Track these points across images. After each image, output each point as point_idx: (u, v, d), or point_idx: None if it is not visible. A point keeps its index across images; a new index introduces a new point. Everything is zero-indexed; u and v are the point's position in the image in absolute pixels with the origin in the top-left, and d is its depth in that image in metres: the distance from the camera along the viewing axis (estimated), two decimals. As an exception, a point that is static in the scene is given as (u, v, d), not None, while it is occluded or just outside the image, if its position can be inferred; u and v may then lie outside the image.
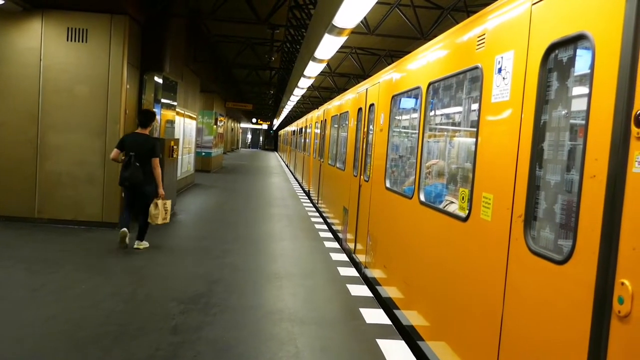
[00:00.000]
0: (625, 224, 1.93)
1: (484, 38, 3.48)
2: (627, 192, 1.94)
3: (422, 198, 4.45)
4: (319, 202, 12.95)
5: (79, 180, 8.55)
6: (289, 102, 29.04)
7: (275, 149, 78.18)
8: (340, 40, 9.87)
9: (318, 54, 11.95)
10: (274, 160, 44.42)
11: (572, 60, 2.47)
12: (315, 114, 17.63)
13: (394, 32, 14.62)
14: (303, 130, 21.77)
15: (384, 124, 6.77)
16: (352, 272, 6.45)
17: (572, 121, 2.46)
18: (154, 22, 9.22)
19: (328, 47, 10.92)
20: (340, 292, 5.84)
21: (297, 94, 22.99)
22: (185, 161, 16.69)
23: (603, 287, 1.98)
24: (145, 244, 6.89)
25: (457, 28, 4.05)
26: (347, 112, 9.75)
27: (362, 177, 7.64)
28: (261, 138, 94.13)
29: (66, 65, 8.44)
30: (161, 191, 6.58)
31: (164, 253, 6.60)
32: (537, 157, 2.61)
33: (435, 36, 4.91)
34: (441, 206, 3.91)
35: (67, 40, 8.42)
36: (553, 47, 2.58)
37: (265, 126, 76.79)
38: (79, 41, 8.54)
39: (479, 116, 3.42)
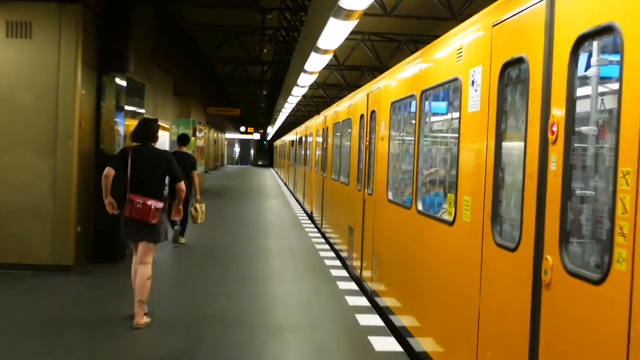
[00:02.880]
0: (547, 210, 3.13)
1: (462, 52, 4.70)
2: (548, 186, 3.19)
3: (420, 207, 5.47)
4: (324, 225, 13.76)
5: (22, 213, 8.56)
6: (286, 105, 29.07)
7: (270, 164, 79.74)
8: (350, 25, 9.92)
9: (322, 43, 12.09)
10: (270, 178, 44.89)
11: (517, 78, 3.70)
12: (316, 121, 18.37)
13: (416, 12, 14.84)
14: (303, 139, 22.49)
15: (384, 132, 7.51)
16: (375, 320, 6.63)
17: (518, 129, 3.67)
18: (114, 11, 9.53)
19: (334, 34, 11.03)
20: (362, 349, 6.01)
21: (297, 94, 23.43)
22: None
23: (537, 265, 3.16)
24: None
25: (444, 37, 5.26)
26: (350, 119, 10.54)
27: (365, 190, 8.60)
28: (252, 151, 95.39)
29: (4, 66, 8.52)
30: (198, 197, 6.87)
31: (131, 303, 6.85)
32: (498, 161, 3.82)
33: (469, 16, 5.52)
34: (439, 215, 4.76)
35: (6, 36, 8.51)
36: (507, 65, 3.78)
37: (257, 136, 77.64)
38: (20, 37, 8.71)
39: (459, 125, 4.55)
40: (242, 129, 70.56)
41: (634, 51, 2.58)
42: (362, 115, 9.21)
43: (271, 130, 66.46)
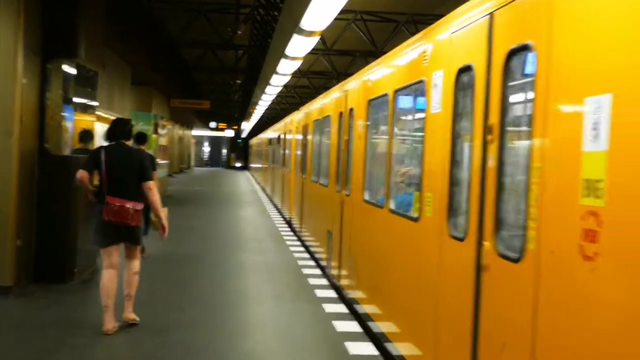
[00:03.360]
0: (486, 203, 4.33)
1: (427, 55, 5.82)
2: (486, 181, 4.33)
3: (392, 207, 6.58)
4: (303, 231, 14.93)
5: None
6: (264, 97, 29.04)
7: (245, 166, 79.91)
8: (340, 3, 10.14)
9: (306, 23, 12.16)
10: (245, 182, 45.26)
11: (468, 83, 4.86)
12: (296, 117, 19.16)
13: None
14: (281, 138, 23.31)
15: (362, 131, 8.70)
16: (367, 348, 7.06)
17: (469, 130, 4.78)
18: (61, -14, 9.31)
19: (321, 12, 11.25)
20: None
21: (277, 83, 23.89)
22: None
23: (479, 251, 4.34)
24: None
25: (414, 39, 6.58)
26: (329, 116, 11.72)
27: (344, 191, 9.73)
28: (224, 151, 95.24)
29: None
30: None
31: (82, 332, 7.07)
32: (453, 159, 4.81)
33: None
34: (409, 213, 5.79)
35: None
36: (460, 71, 4.86)
37: (230, 133, 77.95)
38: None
39: (424, 125, 5.71)
40: (213, 124, 69.89)
41: (543, 66, 3.75)
42: (341, 113, 10.23)
43: (247, 127, 66.38)
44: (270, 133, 30.75)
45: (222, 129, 74.04)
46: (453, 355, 4.90)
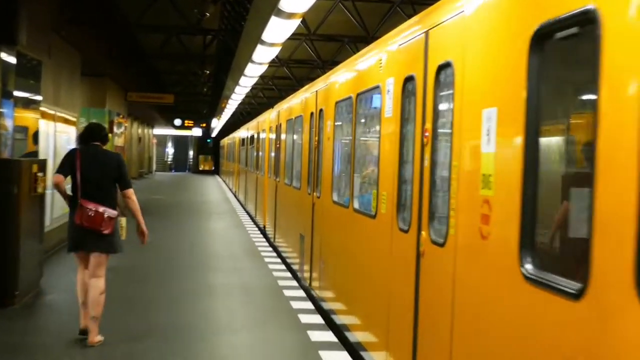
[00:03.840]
0: (423, 197, 5.98)
1: (382, 62, 7.53)
2: (423, 179, 6.01)
3: (356, 206, 8.32)
4: (277, 239, 16.61)
5: None
6: (237, 89, 29.07)
7: (216, 170, 79.69)
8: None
9: (286, 3, 12.17)
10: (215, 189, 45.68)
11: (411, 91, 6.50)
12: (270, 116, 20.49)
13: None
14: (255, 138, 24.67)
15: (330, 132, 10.43)
16: None
17: (410, 134, 6.63)
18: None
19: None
20: None
21: (252, 73, 24.66)
22: (59, 199, 16.55)
23: (418, 240, 5.97)
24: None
25: (373, 45, 8.35)
26: (301, 116, 13.58)
27: (315, 193, 11.42)
28: (191, 152, 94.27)
29: None
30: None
31: None
32: (400, 160, 6.55)
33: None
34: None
35: None
36: (406, 80, 6.44)
37: (197, 131, 77.30)
38: None
39: (380, 128, 7.40)
40: (177, 122, 69.53)
41: (459, 81, 5.40)
42: (312, 113, 11.96)
43: (217, 124, 65.78)
44: (243, 132, 31.80)
45: (189, 127, 74.05)
46: (399, 336, 6.49)
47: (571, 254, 4.08)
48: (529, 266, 4.25)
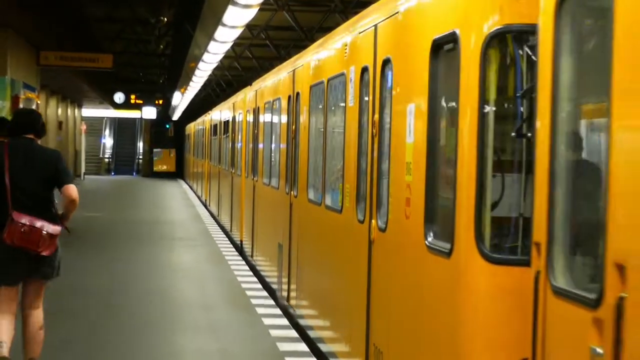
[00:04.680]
0: (373, 188, 7.52)
1: (347, 48, 8.56)
2: (373, 168, 7.42)
3: (328, 202, 9.25)
4: (255, 255, 15.70)
5: None
6: (206, 56, 27.31)
7: (179, 171, 64.73)
8: None
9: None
10: (180, 202, 38.76)
11: (366, 82, 7.95)
12: (247, 96, 18.68)
13: None
14: (230, 124, 22.07)
15: (305, 120, 10.68)
16: None
17: (366, 125, 8.17)
18: None
19: None
20: None
21: (222, 38, 21.19)
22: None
23: (369, 227, 7.83)
24: None
25: (339, 29, 9.43)
26: (279, 99, 13.05)
27: (292, 192, 11.48)
28: (140, 145, 77.23)
29: None
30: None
31: None
32: (359, 151, 7.97)
33: None
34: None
35: None
36: (363, 70, 7.83)
37: (149, 112, 63.67)
38: None
39: (344, 117, 8.54)
40: (119, 97, 54.97)
41: (395, 76, 6.66)
42: (289, 97, 11.68)
43: (181, 101, 52.23)
44: (216, 114, 27.03)
45: (137, 106, 59.02)
46: (356, 320, 7.68)
47: (450, 225, 5.52)
48: (430, 238, 5.79)
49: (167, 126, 63.85)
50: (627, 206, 3.35)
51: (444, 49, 5.57)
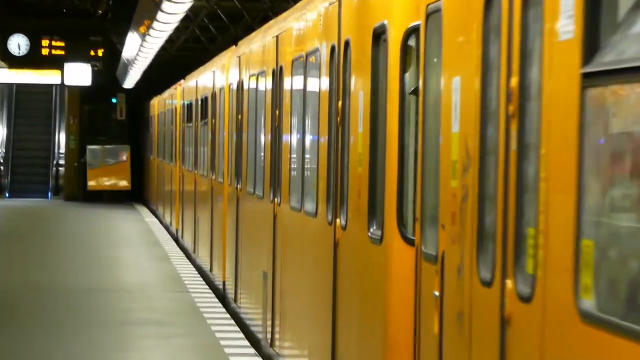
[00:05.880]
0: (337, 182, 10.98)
1: (320, 20, 8.00)
2: (338, 160, 10.77)
3: (307, 208, 9.98)
4: (240, 300, 12.55)
5: None
6: None
7: (137, 189, 43.65)
8: None
9: None
10: (140, 249, 24.79)
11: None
12: (229, 62, 14.37)
13: None
14: (208, 104, 17.28)
15: (288, 104, 9.51)
16: None
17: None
18: None
19: None
20: None
21: None
22: None
23: (334, 226, 10.18)
24: None
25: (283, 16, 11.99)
26: (264, 71, 11.56)
27: (276, 199, 10.53)
28: (61, 136, 50.39)
29: None
30: None
31: None
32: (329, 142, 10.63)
33: None
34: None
35: None
36: (332, 50, 8.70)
37: (81, 73, 38.13)
38: None
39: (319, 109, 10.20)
40: (19, 44, 31.44)
41: (354, 62, 6.81)
42: (273, 71, 10.66)
43: (138, 54, 29.52)
44: (191, 84, 20.11)
45: (55, 62, 34.38)
46: (322, 309, 8.14)
47: (381, 214, 6.69)
48: (372, 228, 6.37)
49: (115, 101, 39.82)
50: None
51: (382, 37, 6.40)
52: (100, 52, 31.03)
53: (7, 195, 33.69)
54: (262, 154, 10.58)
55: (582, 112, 3.03)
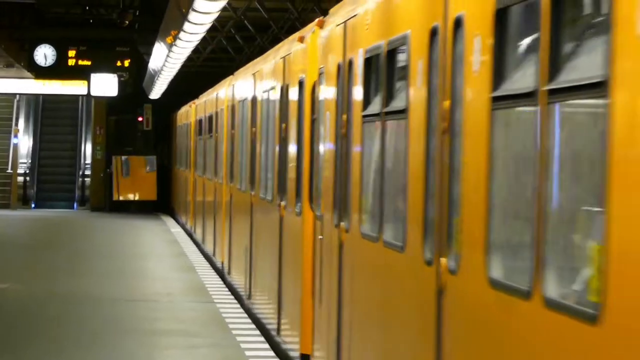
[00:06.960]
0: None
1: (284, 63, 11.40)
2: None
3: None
4: (252, 300, 14.48)
5: None
6: None
7: (164, 200, 41.28)
8: None
9: None
10: (164, 261, 22.91)
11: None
12: (229, 87, 15.60)
13: None
14: (238, 113, 16.74)
15: (258, 125, 12.66)
16: None
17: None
18: None
19: None
20: None
21: None
22: None
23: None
24: None
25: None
26: (246, 98, 12.91)
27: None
28: (89, 147, 40.25)
29: None
30: None
31: None
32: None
33: None
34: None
35: None
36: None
37: (107, 84, 31.78)
38: None
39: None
40: (45, 55, 29.74)
41: (290, 99, 9.46)
42: (252, 99, 12.17)
43: (164, 64, 28.28)
44: (212, 97, 20.54)
45: (81, 73, 32.77)
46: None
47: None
48: (297, 205, 10.22)
49: (141, 112, 39.39)
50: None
51: (303, 85, 8.52)
52: (126, 63, 30.65)
53: (33, 206, 33.92)
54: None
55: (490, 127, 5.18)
